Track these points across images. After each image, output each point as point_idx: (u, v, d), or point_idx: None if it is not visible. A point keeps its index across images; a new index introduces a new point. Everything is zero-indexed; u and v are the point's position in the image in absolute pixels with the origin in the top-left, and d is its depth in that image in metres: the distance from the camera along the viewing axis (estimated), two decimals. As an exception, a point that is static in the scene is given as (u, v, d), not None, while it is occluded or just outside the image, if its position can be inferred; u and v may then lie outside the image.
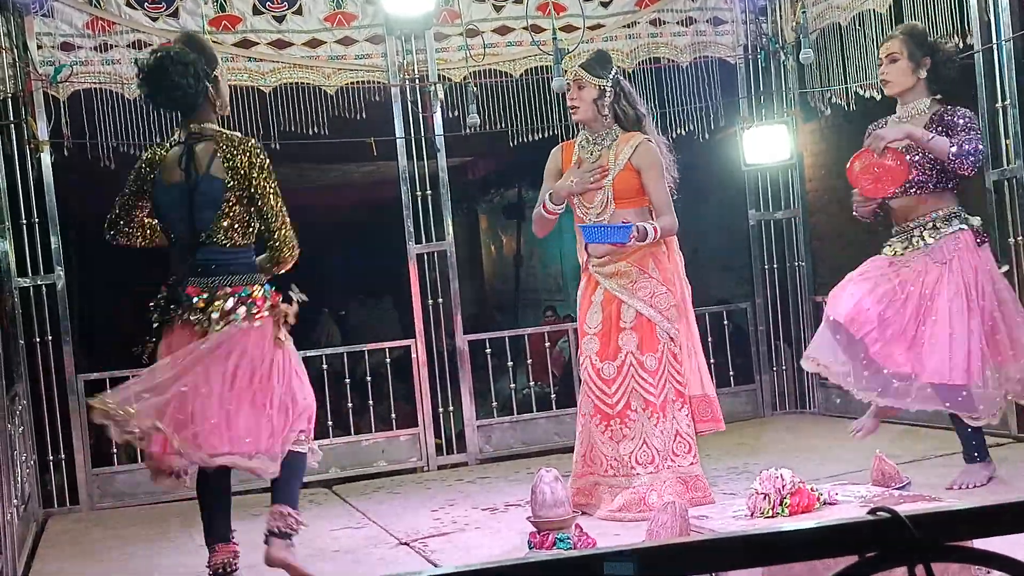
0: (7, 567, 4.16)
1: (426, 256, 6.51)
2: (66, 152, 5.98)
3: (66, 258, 6.21)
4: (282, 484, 3.82)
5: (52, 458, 5.93)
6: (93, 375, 6.08)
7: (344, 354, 6.60)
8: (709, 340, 6.59)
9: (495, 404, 6.94)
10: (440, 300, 6.50)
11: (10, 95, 5.86)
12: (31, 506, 5.51)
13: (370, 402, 6.47)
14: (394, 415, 6.65)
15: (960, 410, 4.36)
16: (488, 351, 6.76)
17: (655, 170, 4.67)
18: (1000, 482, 4.50)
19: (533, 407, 6.83)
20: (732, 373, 7.20)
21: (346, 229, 13.00)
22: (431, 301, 6.50)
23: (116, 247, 4.21)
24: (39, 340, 5.90)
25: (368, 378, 6.50)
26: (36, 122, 5.87)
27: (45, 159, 5.95)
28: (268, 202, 3.82)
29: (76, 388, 5.99)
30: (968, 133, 4.37)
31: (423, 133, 6.51)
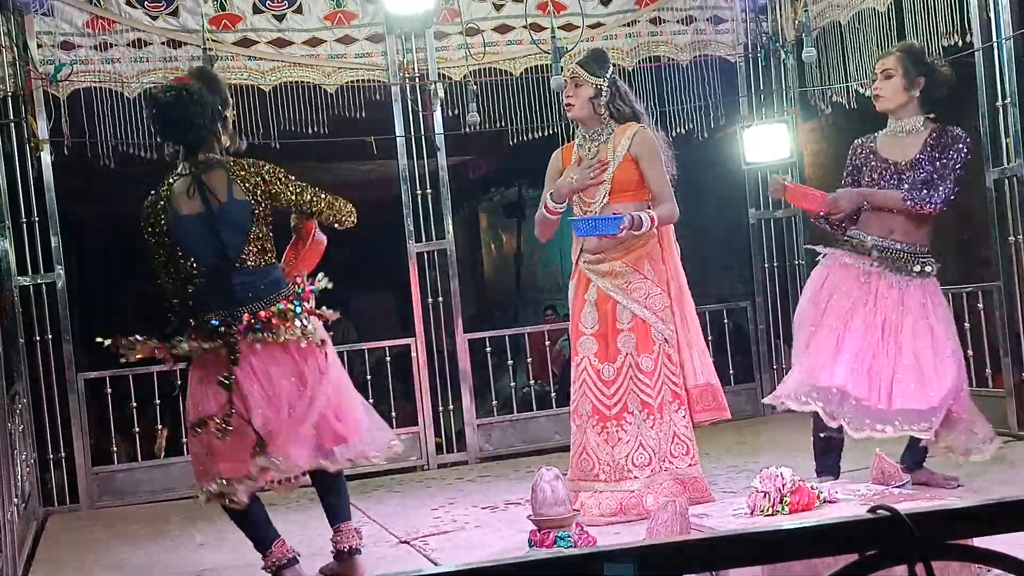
0: (7, 565, 4.16)
1: (426, 255, 6.51)
2: (66, 151, 5.98)
3: (66, 257, 6.21)
4: (343, 501, 3.98)
5: (52, 456, 5.94)
6: (93, 374, 6.10)
7: (344, 353, 6.58)
8: (709, 339, 6.54)
9: (495, 403, 6.95)
10: (440, 299, 6.51)
11: (10, 94, 5.86)
12: (31, 505, 5.51)
13: (370, 401, 6.42)
14: (394, 414, 6.63)
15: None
16: (488, 350, 6.76)
17: (653, 157, 4.58)
18: (1001, 481, 4.50)
19: (533, 406, 6.83)
20: (732, 372, 7.20)
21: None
22: (431, 300, 6.50)
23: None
24: (39, 339, 5.91)
25: (368, 377, 6.50)
26: (36, 121, 5.88)
27: (45, 158, 5.95)
28: (303, 198, 3.86)
29: (76, 387, 6.00)
30: (945, 170, 4.29)
31: (423, 132, 6.51)
